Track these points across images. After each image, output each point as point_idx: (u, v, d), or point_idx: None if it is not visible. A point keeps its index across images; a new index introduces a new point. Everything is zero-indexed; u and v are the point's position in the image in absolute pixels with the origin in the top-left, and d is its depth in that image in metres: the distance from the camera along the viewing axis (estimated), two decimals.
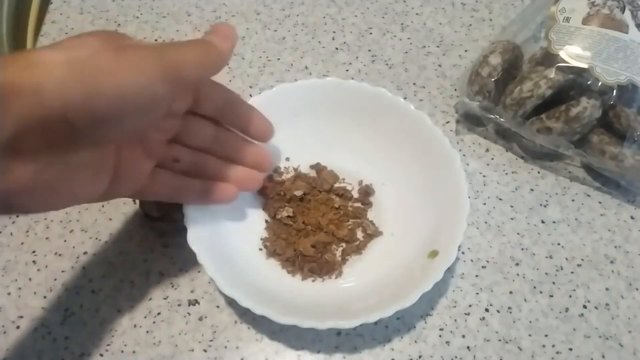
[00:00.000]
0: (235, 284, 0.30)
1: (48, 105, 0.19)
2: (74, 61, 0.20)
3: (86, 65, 0.20)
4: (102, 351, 0.32)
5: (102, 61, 0.21)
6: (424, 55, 0.47)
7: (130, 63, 0.21)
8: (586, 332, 0.34)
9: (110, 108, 0.21)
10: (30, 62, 0.19)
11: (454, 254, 0.31)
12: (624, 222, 0.38)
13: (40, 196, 0.22)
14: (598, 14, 0.39)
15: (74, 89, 0.20)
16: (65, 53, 0.20)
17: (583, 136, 0.38)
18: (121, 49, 0.22)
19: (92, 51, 0.21)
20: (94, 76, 0.20)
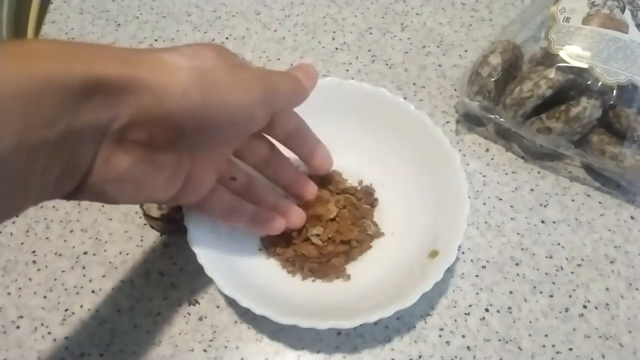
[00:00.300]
0: (235, 284, 0.30)
1: (166, 106, 0.20)
2: (198, 70, 0.21)
3: (208, 76, 0.22)
4: (102, 351, 0.32)
5: (221, 75, 0.22)
6: (424, 55, 0.47)
7: (242, 82, 0.23)
8: (586, 332, 0.34)
9: (218, 119, 0.22)
10: (159, 62, 0.21)
11: (454, 254, 0.31)
12: (624, 222, 0.39)
13: (127, 188, 0.23)
14: (598, 14, 0.39)
15: (193, 95, 0.21)
16: (190, 61, 0.21)
17: (583, 136, 0.38)
18: (235, 66, 0.23)
19: (212, 64, 0.22)
20: (213, 87, 0.22)
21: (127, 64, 0.20)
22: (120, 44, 0.46)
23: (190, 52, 0.22)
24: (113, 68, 0.19)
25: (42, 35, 0.47)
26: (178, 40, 0.47)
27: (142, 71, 0.20)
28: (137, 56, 0.21)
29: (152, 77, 0.20)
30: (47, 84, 0.17)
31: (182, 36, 0.47)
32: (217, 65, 0.23)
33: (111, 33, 0.47)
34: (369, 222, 0.36)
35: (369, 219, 0.36)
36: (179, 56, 0.22)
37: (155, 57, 0.21)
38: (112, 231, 0.36)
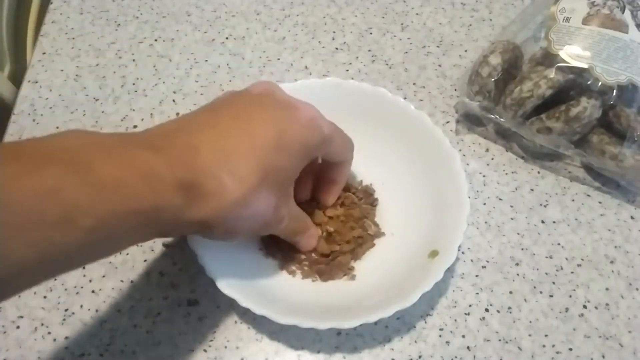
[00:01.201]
0: (235, 284, 0.30)
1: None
2: (239, 206, 0.25)
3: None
4: (102, 351, 0.32)
5: (242, 214, 0.26)
6: (424, 55, 0.47)
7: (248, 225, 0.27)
8: (586, 332, 0.34)
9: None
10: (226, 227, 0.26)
11: (454, 254, 0.31)
12: (624, 222, 0.39)
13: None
14: (598, 14, 0.39)
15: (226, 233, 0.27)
16: (239, 189, 0.25)
17: (583, 136, 0.38)
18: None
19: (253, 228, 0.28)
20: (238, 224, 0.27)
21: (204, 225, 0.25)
22: (120, 44, 0.46)
23: (256, 209, 0.26)
24: (197, 225, 0.25)
25: (43, 35, 0.47)
26: (178, 40, 0.47)
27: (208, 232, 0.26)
28: (215, 220, 0.25)
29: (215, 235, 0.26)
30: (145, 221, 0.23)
31: (182, 36, 0.47)
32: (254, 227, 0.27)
33: (111, 33, 0.47)
34: (370, 222, 0.36)
35: (369, 218, 0.36)
36: (240, 219, 0.26)
37: (225, 223, 0.25)
38: None
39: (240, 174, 0.25)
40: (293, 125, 0.27)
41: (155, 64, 0.45)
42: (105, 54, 0.46)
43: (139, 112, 0.43)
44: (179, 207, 0.23)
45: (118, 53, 0.46)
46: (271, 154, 0.26)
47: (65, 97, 0.43)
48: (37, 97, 0.43)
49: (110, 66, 0.45)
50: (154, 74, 0.45)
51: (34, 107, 0.43)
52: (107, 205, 0.21)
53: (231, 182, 0.24)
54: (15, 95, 0.44)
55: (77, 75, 0.45)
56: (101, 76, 0.45)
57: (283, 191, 0.28)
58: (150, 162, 0.23)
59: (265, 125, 0.26)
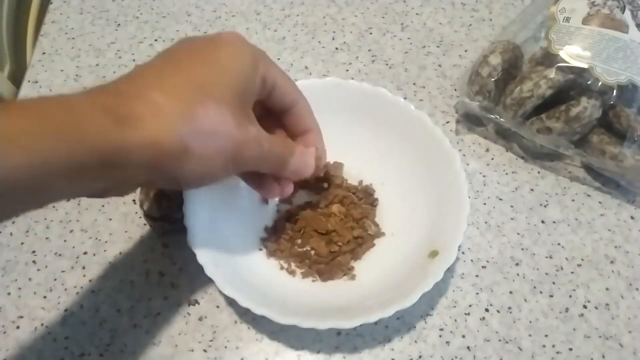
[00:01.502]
0: (235, 284, 0.30)
1: (177, 181, 0.26)
2: (205, 157, 0.25)
3: (209, 164, 0.26)
4: (102, 351, 0.32)
5: (221, 162, 0.26)
6: (424, 55, 0.47)
7: (234, 166, 0.27)
8: (586, 332, 0.34)
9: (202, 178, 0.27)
10: (178, 153, 0.24)
11: (454, 254, 0.31)
12: (624, 222, 0.38)
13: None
14: (598, 13, 0.38)
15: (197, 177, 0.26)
16: (201, 150, 0.25)
17: (583, 136, 0.38)
18: (237, 151, 0.26)
19: (219, 147, 0.26)
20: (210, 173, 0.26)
21: (154, 155, 0.23)
22: (120, 44, 0.46)
23: (209, 125, 0.25)
24: (145, 157, 0.23)
25: (43, 35, 0.47)
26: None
27: (164, 164, 0.24)
28: (163, 146, 0.23)
29: (170, 168, 0.24)
30: (92, 162, 0.21)
31: (182, 36, 0.47)
32: (224, 147, 0.25)
33: (111, 33, 0.47)
34: (370, 222, 0.36)
35: (369, 218, 0.36)
36: (197, 138, 0.24)
37: (177, 147, 0.24)
38: (112, 231, 0.36)
39: (172, 90, 0.24)
40: (219, 45, 0.27)
41: None
42: (105, 54, 0.46)
43: None
44: (109, 129, 0.22)
45: (118, 53, 0.46)
46: (201, 68, 0.25)
47: None
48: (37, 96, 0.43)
49: (110, 66, 0.45)
50: None
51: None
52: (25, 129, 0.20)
53: (164, 99, 0.23)
54: (15, 95, 0.45)
55: (77, 75, 0.45)
56: (101, 76, 0.45)
57: (239, 107, 0.26)
58: (73, 96, 0.22)
59: (190, 52, 0.26)
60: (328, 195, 0.37)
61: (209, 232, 0.32)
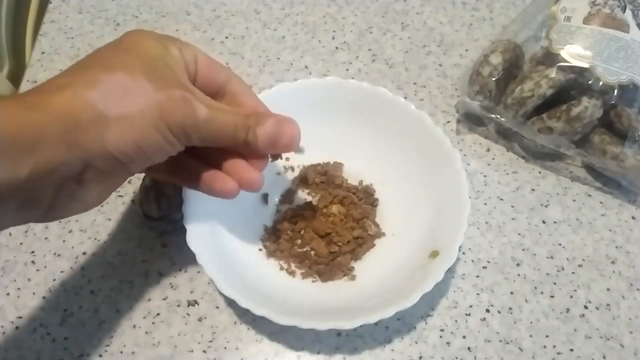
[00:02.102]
0: (235, 285, 0.30)
1: (109, 153, 0.24)
2: (128, 118, 0.24)
3: (136, 123, 0.24)
4: (101, 352, 0.32)
5: (149, 120, 0.24)
6: (424, 54, 0.47)
7: (167, 125, 0.25)
8: (587, 333, 0.34)
9: (145, 156, 0.25)
10: (95, 116, 0.23)
11: (454, 254, 0.31)
12: (625, 222, 0.38)
13: (91, 205, 0.27)
14: (599, 13, 0.38)
15: (129, 142, 0.24)
16: (111, 107, 0.23)
17: (584, 136, 0.38)
18: (165, 108, 0.24)
19: (142, 106, 0.24)
20: (130, 133, 0.24)
21: (68, 125, 0.22)
22: None
23: (121, 90, 0.24)
24: (58, 131, 0.22)
25: (42, 35, 0.47)
26: None
27: (82, 133, 0.23)
28: (75, 113, 0.23)
29: (91, 135, 0.23)
30: (1, 145, 0.20)
31: (181, 35, 0.47)
32: (147, 105, 0.24)
33: (110, 32, 0.47)
34: (370, 222, 0.36)
35: (370, 219, 0.36)
36: (111, 100, 0.23)
37: (91, 112, 0.23)
38: (111, 232, 0.36)
39: (76, 70, 0.24)
40: (124, 36, 0.27)
41: None
42: None
43: None
44: (21, 114, 0.21)
45: None
46: (107, 52, 0.25)
47: None
48: None
49: None
50: None
51: None
52: None
53: (69, 78, 0.24)
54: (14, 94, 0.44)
55: None
56: None
57: (153, 75, 0.25)
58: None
59: (100, 49, 0.26)
60: (328, 196, 0.37)
61: (209, 232, 0.32)
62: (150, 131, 0.24)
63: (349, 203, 0.36)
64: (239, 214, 0.35)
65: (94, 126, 0.23)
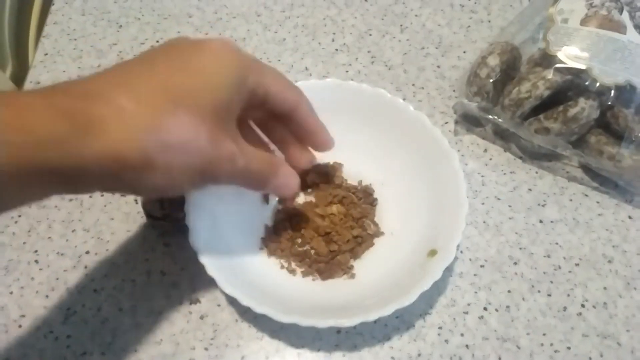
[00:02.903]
0: (236, 283, 0.30)
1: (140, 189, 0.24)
2: (173, 168, 0.23)
3: (178, 173, 0.24)
4: (104, 350, 0.32)
5: (163, 157, 0.23)
6: (423, 56, 0.47)
7: (175, 172, 0.23)
8: (584, 331, 0.34)
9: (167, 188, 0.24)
10: (142, 162, 0.22)
11: (452, 253, 0.31)
12: (621, 222, 0.39)
13: None
14: (596, 15, 0.39)
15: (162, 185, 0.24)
16: (169, 159, 0.23)
17: (581, 136, 0.38)
18: (209, 166, 0.24)
19: (191, 161, 0.24)
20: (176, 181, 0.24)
21: (118, 166, 0.21)
22: (122, 45, 0.47)
23: (180, 138, 0.23)
24: (106, 171, 0.21)
25: (45, 37, 0.47)
26: None
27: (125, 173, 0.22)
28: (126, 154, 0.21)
29: (130, 178, 0.22)
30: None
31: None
32: (195, 161, 0.23)
33: (113, 34, 0.48)
34: (369, 221, 0.36)
35: (369, 218, 0.36)
36: (164, 149, 0.22)
37: (142, 156, 0.22)
38: (114, 231, 0.37)
39: (141, 95, 0.22)
40: (202, 51, 0.24)
41: None
42: (106, 55, 0.46)
43: None
44: (66, 137, 0.20)
45: (120, 54, 0.46)
46: (179, 74, 0.23)
47: None
48: None
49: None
50: None
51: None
52: None
53: (131, 104, 0.21)
54: None
55: (78, 76, 0.45)
56: None
57: (216, 121, 0.24)
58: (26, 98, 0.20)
59: (169, 56, 0.24)
60: (328, 196, 0.37)
61: (210, 231, 0.32)
62: (184, 183, 0.24)
63: (348, 203, 0.37)
64: (240, 214, 0.35)
65: (137, 171, 0.22)
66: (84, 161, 0.20)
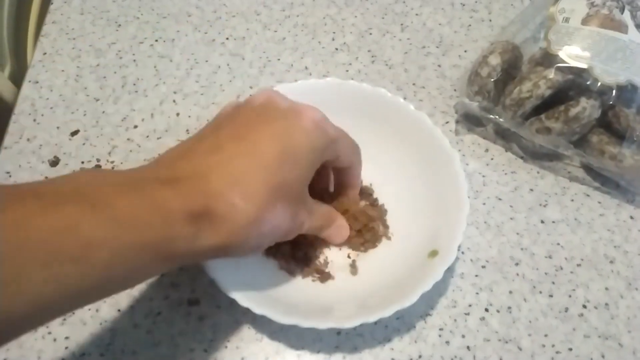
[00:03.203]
0: (236, 284, 0.30)
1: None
2: (252, 225, 0.26)
3: (259, 228, 0.26)
4: (102, 351, 0.32)
5: (266, 224, 0.26)
6: (423, 55, 0.47)
7: (272, 231, 0.27)
8: (586, 332, 0.34)
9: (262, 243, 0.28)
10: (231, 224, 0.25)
11: (453, 253, 0.31)
12: (623, 222, 0.39)
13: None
14: (597, 14, 0.39)
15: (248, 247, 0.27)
16: (251, 210, 0.26)
17: (582, 136, 0.38)
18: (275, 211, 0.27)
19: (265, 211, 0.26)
20: (260, 236, 0.27)
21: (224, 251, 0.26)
22: (121, 44, 0.47)
23: (270, 224, 0.26)
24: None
25: (44, 36, 0.47)
26: (178, 40, 0.47)
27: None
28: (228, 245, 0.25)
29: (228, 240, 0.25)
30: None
31: (182, 36, 0.47)
32: (265, 217, 0.26)
33: (112, 33, 0.47)
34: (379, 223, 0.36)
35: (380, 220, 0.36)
36: (245, 204, 0.25)
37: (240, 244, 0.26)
38: None
39: (251, 193, 0.25)
40: (297, 133, 0.27)
41: (156, 65, 0.46)
42: (105, 55, 0.46)
43: (139, 113, 0.43)
44: (191, 237, 0.24)
45: (119, 53, 0.46)
46: (279, 168, 0.26)
47: (66, 97, 0.43)
48: (37, 97, 0.43)
49: (110, 66, 0.45)
50: (155, 74, 0.45)
51: (34, 107, 0.43)
52: (121, 239, 0.21)
53: (242, 203, 0.25)
54: (15, 95, 0.45)
55: (77, 75, 0.45)
56: (102, 76, 0.45)
57: (298, 199, 0.28)
58: (162, 194, 0.23)
59: (270, 140, 0.26)
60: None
61: None
62: (260, 250, 0.30)
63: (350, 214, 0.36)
64: None
65: (233, 249, 0.26)
66: (201, 249, 0.24)
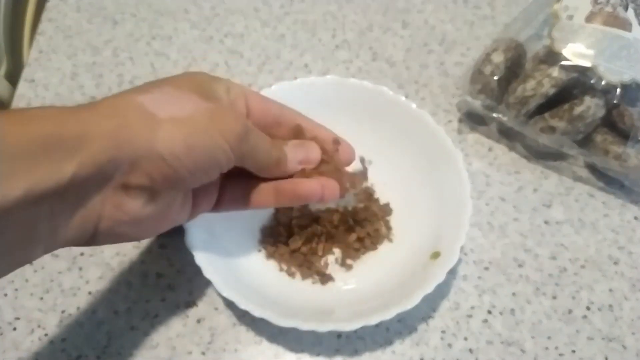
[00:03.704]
0: (234, 286, 0.30)
1: (156, 155, 0.23)
2: (178, 121, 0.24)
3: (187, 124, 0.24)
4: (99, 353, 0.32)
5: (200, 121, 0.24)
6: (425, 53, 0.46)
7: (219, 127, 0.25)
8: (589, 334, 0.34)
9: (204, 161, 0.25)
10: (144, 118, 0.23)
11: (456, 255, 0.31)
12: (627, 223, 0.38)
13: (144, 226, 0.26)
14: (601, 11, 0.38)
15: (178, 145, 0.23)
16: (171, 109, 0.24)
17: (586, 135, 0.38)
18: (213, 111, 0.25)
19: (192, 109, 0.24)
20: (193, 135, 0.24)
21: (116, 122, 0.22)
22: (118, 42, 0.46)
23: (171, 97, 0.24)
24: (105, 127, 0.22)
25: (40, 34, 0.46)
26: (176, 38, 0.47)
27: (130, 130, 0.22)
28: (124, 112, 0.23)
29: (140, 133, 0.23)
30: (46, 143, 0.20)
31: (179, 34, 0.47)
32: (197, 110, 0.24)
33: (108, 31, 0.47)
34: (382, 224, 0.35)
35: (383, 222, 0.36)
36: (160, 104, 0.24)
37: (140, 112, 0.23)
38: None
39: (132, 89, 0.25)
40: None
41: (153, 62, 0.45)
42: (102, 52, 0.45)
43: None
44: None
45: (115, 51, 0.46)
46: (158, 80, 0.26)
47: (62, 96, 0.43)
48: (33, 95, 0.43)
49: (107, 64, 0.45)
50: (152, 72, 0.44)
51: (30, 105, 0.42)
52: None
53: (123, 92, 0.24)
54: (11, 94, 0.44)
55: (74, 73, 0.44)
56: (98, 74, 0.44)
57: (201, 91, 0.26)
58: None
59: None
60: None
61: (207, 233, 0.32)
62: (200, 134, 0.24)
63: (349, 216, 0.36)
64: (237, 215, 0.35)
65: (143, 124, 0.23)
66: (88, 123, 0.22)
